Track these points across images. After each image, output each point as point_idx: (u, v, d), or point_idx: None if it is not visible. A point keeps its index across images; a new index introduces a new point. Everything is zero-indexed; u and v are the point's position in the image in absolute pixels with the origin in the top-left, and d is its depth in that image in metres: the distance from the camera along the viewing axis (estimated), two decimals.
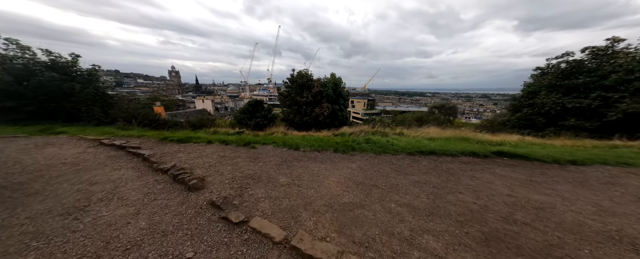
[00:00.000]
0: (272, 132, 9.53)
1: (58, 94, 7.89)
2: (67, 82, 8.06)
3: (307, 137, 7.11)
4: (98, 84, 9.30)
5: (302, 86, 15.86)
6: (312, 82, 16.02)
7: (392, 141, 6.37)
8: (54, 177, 3.17)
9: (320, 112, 15.04)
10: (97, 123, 8.22)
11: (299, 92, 15.90)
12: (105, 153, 4.04)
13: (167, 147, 4.69)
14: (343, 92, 17.76)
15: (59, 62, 8.41)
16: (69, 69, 8.57)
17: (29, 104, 7.41)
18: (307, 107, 15.45)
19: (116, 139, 5.03)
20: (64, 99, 8.02)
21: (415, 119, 19.90)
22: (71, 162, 3.62)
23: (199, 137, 5.85)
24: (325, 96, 15.67)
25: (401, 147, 5.61)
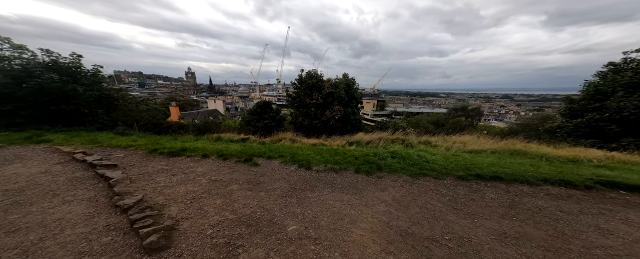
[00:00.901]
0: (280, 139, 8.55)
1: (58, 97, 7.28)
2: (69, 84, 7.53)
3: (319, 149, 6.00)
4: (102, 86, 8.89)
5: (312, 87, 14.62)
6: (322, 83, 14.82)
7: (424, 155, 5.06)
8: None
9: (331, 115, 13.74)
10: (98, 127, 7.68)
11: (309, 93, 14.67)
12: (69, 173, 3.15)
13: (150, 165, 3.75)
14: (356, 94, 16.30)
15: (61, 63, 7.87)
16: (71, 70, 8.13)
17: (27, 107, 6.81)
18: (317, 110, 14.22)
19: (93, 153, 4.13)
20: (65, 101, 7.39)
21: (430, 122, 18.10)
22: (17, 188, 2.69)
23: (195, 149, 4.93)
24: (337, 97, 14.31)
25: (441, 165, 4.27)
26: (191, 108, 32.76)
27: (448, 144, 6.91)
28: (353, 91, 16.04)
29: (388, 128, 16.99)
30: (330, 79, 15.53)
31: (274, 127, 15.15)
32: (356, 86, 16.53)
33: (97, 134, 6.66)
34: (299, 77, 15.64)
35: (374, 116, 47.13)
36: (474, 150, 6.03)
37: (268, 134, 14.09)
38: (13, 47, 7.44)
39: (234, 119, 19.66)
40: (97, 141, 5.40)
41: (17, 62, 7.36)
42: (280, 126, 15.90)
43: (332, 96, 14.23)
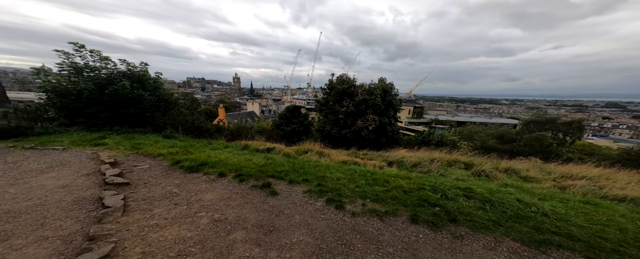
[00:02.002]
0: (306, 151, 7.64)
1: (128, 101, 8.12)
2: (138, 90, 8.31)
3: (351, 171, 4.72)
4: (161, 91, 10.02)
5: (343, 93, 12.95)
6: (354, 88, 13.28)
7: (528, 200, 3.15)
8: None
9: (364, 125, 11.79)
10: (154, 128, 8.51)
11: (338, 100, 13.06)
12: (81, 191, 2.86)
13: (163, 184, 3.30)
14: (395, 101, 13.89)
15: (134, 72, 8.82)
16: (140, 77, 8.93)
17: (105, 111, 7.76)
18: (347, 118, 12.47)
19: (123, 163, 4.02)
20: (133, 105, 8.18)
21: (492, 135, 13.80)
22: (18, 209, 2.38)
23: (216, 164, 4.40)
24: (372, 105, 12.29)
25: (582, 229, 2.46)
26: (234, 109, 36.39)
27: (554, 178, 4.52)
28: (391, 98, 13.83)
29: (431, 141, 13.95)
30: (363, 84, 13.90)
31: (302, 132, 14.60)
32: (395, 92, 14.31)
33: (146, 136, 7.18)
34: (329, 82, 14.05)
35: (409, 124, 41.26)
36: (625, 197, 3.60)
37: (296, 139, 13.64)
38: (101, 58, 8.50)
39: (266, 121, 20.36)
40: (138, 146, 5.57)
41: (104, 72, 8.49)
42: (307, 131, 15.23)
43: (366, 103, 12.56)
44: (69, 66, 7.82)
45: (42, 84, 7.42)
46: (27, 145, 4.95)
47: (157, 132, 7.97)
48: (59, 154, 4.48)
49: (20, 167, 3.57)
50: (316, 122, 15.09)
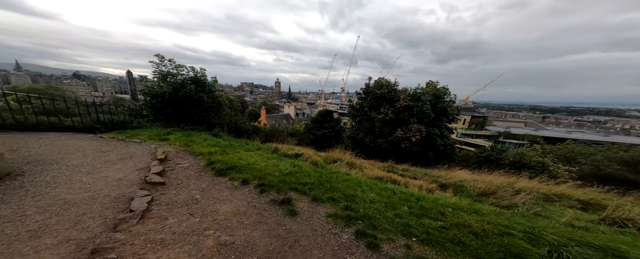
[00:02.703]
0: (336, 160, 6.92)
1: (192, 102, 9.59)
2: (199, 93, 9.57)
3: (389, 191, 3.74)
4: (215, 94, 11.58)
5: (380, 99, 11.29)
6: (395, 93, 11.14)
7: None
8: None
9: (405, 136, 9.89)
10: (208, 127, 9.84)
11: (375, 106, 11.44)
12: (127, 188, 3.06)
13: (191, 186, 3.30)
14: (450, 109, 11.14)
15: (197, 77, 10.13)
16: (201, 81, 10.15)
17: (177, 110, 9.20)
18: (384, 126, 10.78)
19: (170, 160, 4.35)
20: (195, 106, 9.70)
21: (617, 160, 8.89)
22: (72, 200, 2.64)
23: (243, 168, 4.34)
24: (417, 113, 10.25)
25: None
26: (274, 111, 39.64)
27: None
28: (444, 105, 10.94)
29: (503, 161, 10.46)
30: (406, 88, 11.95)
31: (332, 137, 13.93)
32: (450, 99, 11.60)
33: (200, 134, 8.20)
34: (365, 86, 12.52)
35: (463, 136, 33.64)
36: None
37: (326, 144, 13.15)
38: (175, 67, 9.95)
39: (300, 124, 20.91)
40: (190, 143, 6.25)
41: (179, 77, 9.92)
42: (338, 137, 14.41)
43: (410, 110, 10.55)
44: (159, 73, 9.91)
45: (142, 88, 9.77)
46: (120, 137, 6.37)
47: (209, 130, 9.05)
48: (135, 146, 5.47)
49: (105, 157, 4.41)
50: (348, 129, 14.03)
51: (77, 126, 7.11)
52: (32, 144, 4.91)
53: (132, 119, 9.17)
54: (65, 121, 7.19)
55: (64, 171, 3.49)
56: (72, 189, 2.88)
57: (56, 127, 6.80)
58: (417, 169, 6.57)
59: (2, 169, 3.03)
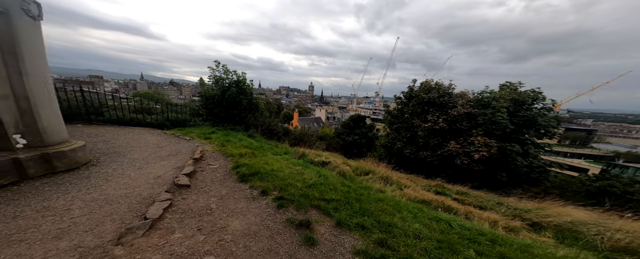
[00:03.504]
0: (367, 172, 5.93)
1: (234, 104, 10.24)
2: (240, 95, 10.12)
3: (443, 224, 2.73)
4: (252, 96, 12.37)
5: (428, 104, 9.33)
6: (451, 98, 9.03)
7: None
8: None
9: (463, 150, 7.71)
10: (245, 127, 10.57)
11: (420, 112, 9.55)
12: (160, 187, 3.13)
13: (212, 192, 3.15)
14: (543, 118, 7.95)
15: (239, 80, 10.69)
16: (241, 84, 10.80)
17: (223, 111, 10.11)
18: (431, 137, 8.85)
19: (204, 159, 4.42)
20: (236, 107, 10.54)
21: None
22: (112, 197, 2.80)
23: (267, 175, 4.03)
24: (485, 123, 7.82)
25: None
26: (306, 114, 40.42)
27: None
28: (530, 114, 7.81)
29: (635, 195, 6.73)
30: (466, 92, 9.45)
31: (364, 144, 12.58)
32: (545, 105, 8.05)
33: (237, 134, 8.68)
34: (408, 89, 10.71)
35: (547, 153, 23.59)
36: None
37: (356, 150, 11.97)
38: (225, 71, 10.74)
39: (330, 128, 20.23)
40: (226, 143, 6.42)
41: (226, 81, 10.55)
42: (370, 145, 12.92)
43: (472, 119, 8.17)
44: (213, 77, 10.50)
45: (200, 91, 11.36)
46: (178, 134, 7.39)
47: (246, 130, 9.58)
48: (184, 143, 6.08)
49: (159, 152, 4.91)
50: (383, 137, 12.27)
51: (153, 122, 8.64)
52: (119, 137, 6.06)
53: (191, 117, 10.72)
54: (147, 118, 8.92)
55: (124, 164, 3.98)
56: (118, 184, 3.10)
57: (141, 123, 8.42)
58: (482, 194, 4.91)
59: (81, 159, 3.71)
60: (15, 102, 3.00)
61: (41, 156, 3.14)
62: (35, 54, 3.18)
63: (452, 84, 9.47)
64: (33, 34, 3.13)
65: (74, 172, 3.38)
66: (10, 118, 2.97)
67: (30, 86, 3.10)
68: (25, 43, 3.00)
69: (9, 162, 2.83)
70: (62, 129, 3.69)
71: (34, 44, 3.15)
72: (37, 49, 3.22)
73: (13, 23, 2.87)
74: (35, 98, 3.17)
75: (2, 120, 2.86)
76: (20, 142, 3.05)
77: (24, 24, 2.99)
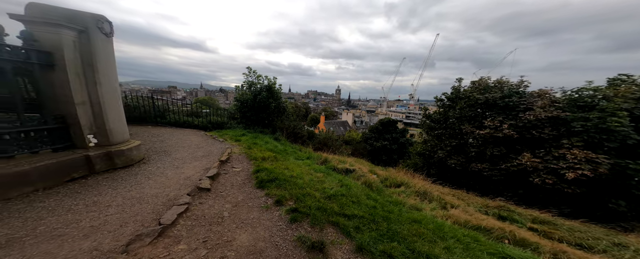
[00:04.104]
0: (399, 184, 5.05)
1: (264, 108, 10.47)
2: (269, 99, 10.39)
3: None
4: (281, 100, 12.70)
5: (485, 106, 7.60)
6: (523, 98, 6.93)
7: None
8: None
9: (544, 165, 5.67)
10: (272, 130, 10.91)
11: (471, 117, 7.94)
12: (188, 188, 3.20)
13: (227, 198, 3.07)
14: None
15: (269, 84, 11.07)
16: (271, 88, 11.03)
17: (253, 115, 10.67)
18: (490, 147, 7.03)
19: (230, 162, 4.49)
20: (265, 111, 10.84)
21: None
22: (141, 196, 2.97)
23: (285, 182, 3.77)
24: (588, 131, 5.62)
25: None
26: (332, 118, 39.80)
27: None
28: None
29: None
30: (547, 90, 7.07)
31: (395, 151, 11.05)
32: None
33: (264, 136, 8.91)
34: (453, 90, 9.07)
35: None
36: None
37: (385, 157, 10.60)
38: (257, 77, 11.22)
39: (357, 132, 19.02)
40: (253, 146, 6.38)
41: (258, 86, 11.04)
42: (402, 152, 11.24)
43: (561, 125, 5.97)
44: (247, 83, 11.15)
45: (236, 96, 12.44)
46: (214, 135, 8.12)
47: (273, 133, 9.86)
48: (217, 145, 6.34)
49: (196, 152, 5.18)
50: (419, 144, 10.41)
51: (199, 124, 9.82)
52: (172, 137, 6.95)
53: (228, 120, 11.79)
54: (195, 120, 10.22)
55: (167, 163, 4.37)
56: (155, 183, 3.32)
57: (191, 125, 9.66)
58: (580, 226, 3.46)
59: (136, 157, 4.29)
60: (91, 107, 3.63)
61: (106, 154, 3.73)
62: (108, 65, 3.69)
63: (524, 81, 7.33)
64: (106, 49, 3.63)
65: (128, 169, 3.87)
66: (86, 121, 3.60)
67: (102, 93, 3.61)
68: (99, 56, 3.49)
69: (82, 159, 3.43)
70: (124, 130, 4.34)
71: (107, 57, 3.65)
72: (109, 62, 3.73)
73: (91, 39, 3.36)
74: (105, 104, 3.71)
75: (80, 123, 3.50)
76: (92, 142, 3.70)
77: (99, 40, 3.49)
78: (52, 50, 3.10)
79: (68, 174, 3.18)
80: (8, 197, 2.46)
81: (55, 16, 3.08)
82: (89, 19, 3.37)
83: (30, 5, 3.07)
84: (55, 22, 3.01)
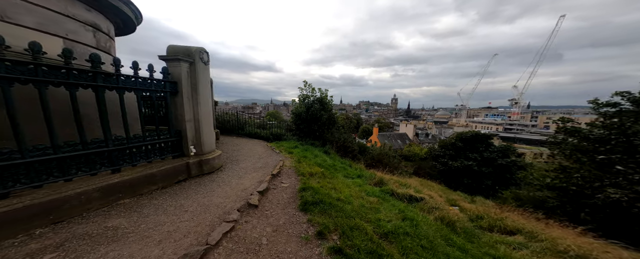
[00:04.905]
0: (510, 230, 3.30)
1: (315, 119, 10.68)
2: (320, 111, 10.54)
3: None
4: (332, 112, 12.45)
5: None
6: None
7: None
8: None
9: None
10: (322, 142, 10.87)
11: None
12: (235, 203, 3.35)
13: (269, 220, 2.93)
14: None
15: (321, 97, 11.38)
16: (324, 100, 11.28)
17: (307, 127, 11.07)
18: None
19: (279, 176, 4.55)
20: (316, 123, 10.82)
21: None
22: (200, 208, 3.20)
23: (331, 206, 3.27)
24: None
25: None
26: (388, 129, 35.20)
27: None
28: None
29: None
30: None
31: (488, 176, 7.47)
32: None
33: (314, 149, 8.82)
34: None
35: None
36: None
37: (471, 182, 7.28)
38: (311, 90, 11.67)
39: (420, 146, 15.24)
40: (303, 159, 6.26)
41: (311, 98, 11.55)
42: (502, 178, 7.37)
43: None
44: (302, 96, 11.69)
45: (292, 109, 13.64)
46: (273, 146, 8.86)
47: (323, 146, 9.78)
48: (273, 156, 6.48)
49: (256, 163, 5.54)
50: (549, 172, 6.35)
51: (264, 135, 11.44)
52: (245, 147, 8.11)
53: (286, 132, 13.02)
54: (262, 132, 12.03)
55: (235, 172, 4.84)
56: (222, 191, 3.66)
57: (258, 136, 11.40)
58: None
59: (216, 164, 5.27)
60: (194, 123, 4.83)
61: (198, 162, 4.80)
62: (205, 88, 4.58)
63: None
64: (204, 75, 4.51)
65: (210, 175, 4.76)
66: (191, 135, 4.77)
67: (200, 112, 4.49)
68: (200, 82, 4.38)
69: (184, 165, 4.56)
70: (212, 141, 5.44)
71: (205, 81, 4.54)
72: (206, 85, 4.63)
73: (196, 68, 4.27)
74: (202, 121, 4.56)
75: (187, 136, 4.72)
76: (193, 151, 4.93)
77: (201, 68, 4.38)
78: (177, 80, 4.13)
79: (176, 177, 4.26)
80: (141, 193, 3.55)
81: (180, 53, 4.11)
82: (195, 51, 4.28)
83: (169, 46, 4.24)
84: (179, 57, 4.01)
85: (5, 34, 2.20)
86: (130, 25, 6.39)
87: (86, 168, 2.92)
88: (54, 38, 4.03)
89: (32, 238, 2.18)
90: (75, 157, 2.81)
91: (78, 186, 2.72)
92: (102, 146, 3.06)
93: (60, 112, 2.84)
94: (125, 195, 3.19)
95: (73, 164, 2.79)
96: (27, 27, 3.66)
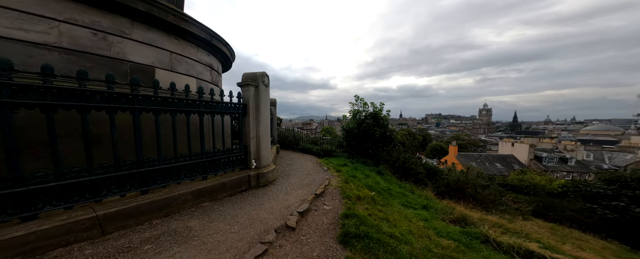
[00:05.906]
0: None
1: (368, 136, 9.84)
2: (374, 127, 9.74)
3: None
4: (388, 128, 10.78)
5: None
6: None
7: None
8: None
9: None
10: (376, 161, 9.49)
11: None
12: (274, 222, 3.27)
13: (302, 248, 2.58)
14: None
15: (375, 111, 10.60)
16: (378, 115, 10.38)
17: (358, 144, 10.27)
18: None
19: (322, 197, 4.28)
20: (368, 140, 9.87)
21: None
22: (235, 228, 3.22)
23: (382, 243, 2.39)
24: None
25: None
26: (474, 149, 25.70)
27: None
28: None
29: None
30: None
31: None
32: None
33: (365, 168, 7.76)
34: None
35: None
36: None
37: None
38: (363, 104, 11.20)
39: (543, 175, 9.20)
40: (351, 179, 5.69)
41: (363, 113, 10.96)
42: None
43: None
44: (353, 111, 11.37)
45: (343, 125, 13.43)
46: (322, 163, 8.58)
47: (376, 165, 8.59)
48: (321, 174, 6.17)
49: (303, 179, 5.50)
50: None
51: (315, 151, 11.75)
52: (297, 161, 8.36)
53: (336, 149, 12.79)
54: (313, 148, 12.50)
55: (283, 186, 4.96)
56: (270, 206, 3.73)
57: (310, 151, 11.86)
58: None
59: (270, 178, 5.70)
60: (255, 139, 5.66)
61: (257, 174, 5.44)
62: (265, 108, 5.19)
63: None
64: (265, 96, 4.73)
65: (264, 188, 5.17)
66: (253, 150, 5.56)
67: (260, 129, 5.09)
68: (261, 102, 4.66)
69: (247, 177, 5.27)
70: (268, 156, 6.02)
71: (265, 102, 4.77)
72: (266, 105, 5.24)
73: (259, 90, 4.59)
74: (261, 137, 5.13)
75: (250, 150, 5.57)
76: (254, 165, 5.73)
77: (262, 90, 4.63)
78: (246, 102, 4.96)
79: (240, 187, 4.98)
80: (216, 198, 4.38)
81: (249, 79, 4.94)
82: (259, 76, 5.01)
83: (243, 74, 5.12)
84: (248, 82, 4.85)
85: (172, 80, 3.67)
86: (229, 63, 8.13)
87: (189, 174, 3.94)
88: (191, 79, 5.58)
89: (152, 226, 3.03)
90: (184, 166, 3.77)
91: (183, 189, 3.67)
92: (199, 158, 4.07)
93: (179, 132, 3.83)
94: (206, 199, 3.99)
95: (182, 171, 3.85)
96: (181, 74, 5.31)
